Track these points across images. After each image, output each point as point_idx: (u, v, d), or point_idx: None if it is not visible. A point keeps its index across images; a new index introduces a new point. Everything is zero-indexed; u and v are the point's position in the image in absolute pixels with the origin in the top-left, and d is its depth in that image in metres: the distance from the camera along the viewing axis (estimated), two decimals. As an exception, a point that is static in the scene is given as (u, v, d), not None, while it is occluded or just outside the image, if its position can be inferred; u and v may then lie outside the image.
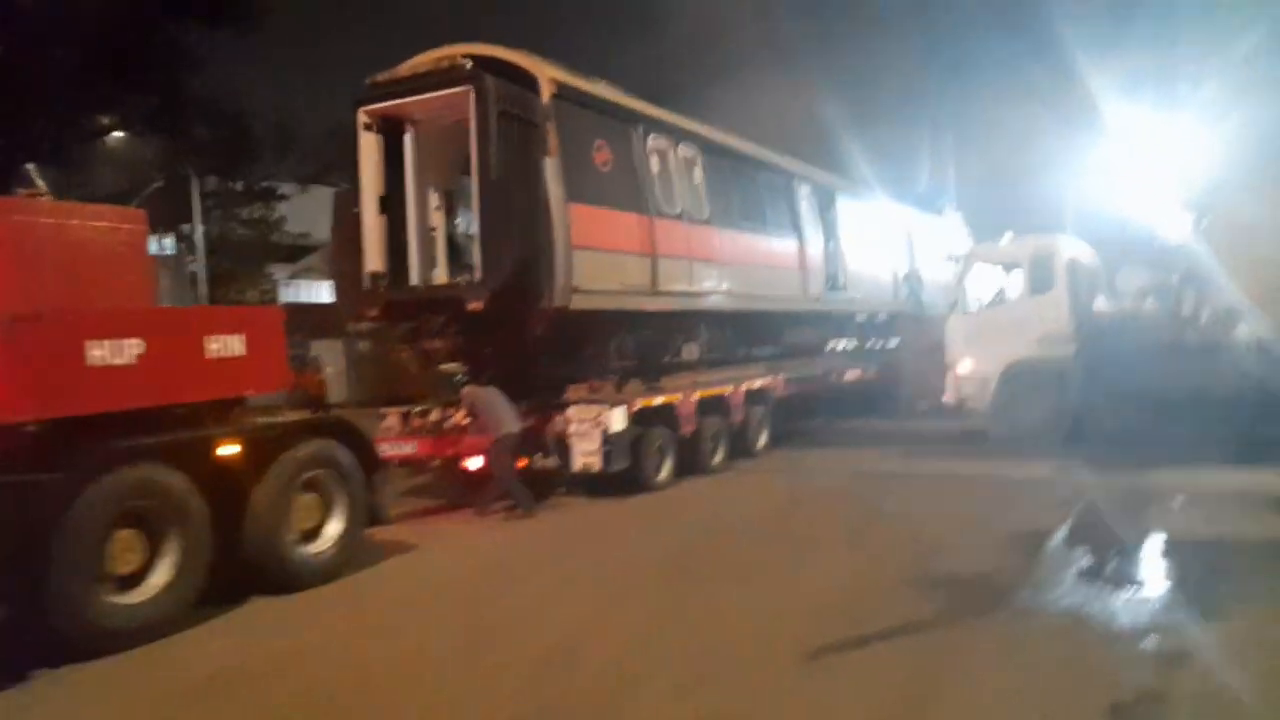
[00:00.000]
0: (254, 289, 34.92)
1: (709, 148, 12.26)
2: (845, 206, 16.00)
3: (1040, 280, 12.74)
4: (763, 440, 13.05)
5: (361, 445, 7.68)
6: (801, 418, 14.89)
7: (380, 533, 8.10)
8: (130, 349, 5.96)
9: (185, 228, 30.47)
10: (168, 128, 21.80)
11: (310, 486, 7.14)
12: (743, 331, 13.49)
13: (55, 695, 5.04)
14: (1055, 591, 6.24)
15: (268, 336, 7.09)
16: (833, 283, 15.24)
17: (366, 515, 7.60)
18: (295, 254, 34.58)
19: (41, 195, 6.39)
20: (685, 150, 11.68)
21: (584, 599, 6.44)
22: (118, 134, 21.83)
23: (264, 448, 6.78)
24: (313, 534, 7.17)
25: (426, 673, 5.08)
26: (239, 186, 32.08)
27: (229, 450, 6.53)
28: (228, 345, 6.71)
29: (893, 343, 18.01)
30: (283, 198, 33.28)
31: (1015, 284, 13.33)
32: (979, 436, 13.39)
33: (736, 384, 12.39)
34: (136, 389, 5.99)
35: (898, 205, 18.72)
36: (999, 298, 13.69)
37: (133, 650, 5.58)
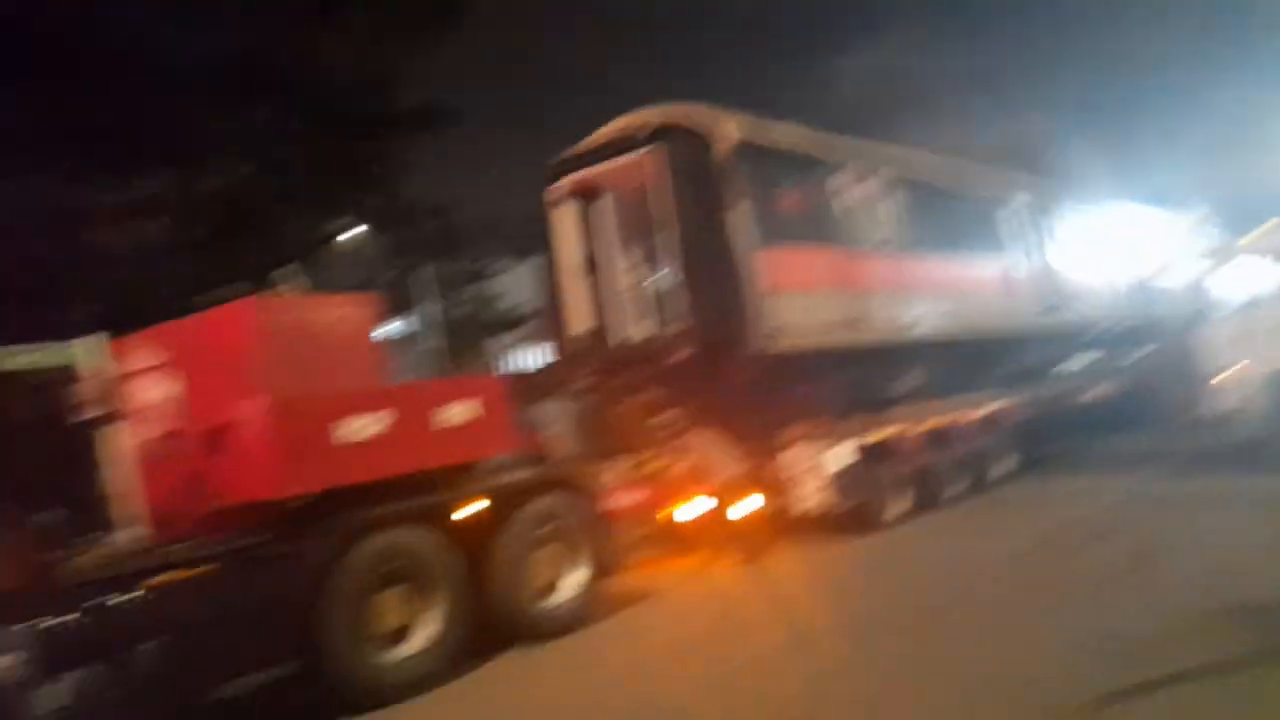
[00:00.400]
0: (479, 360, 37.51)
1: (907, 172, 11.84)
2: (1069, 214, 14.86)
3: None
4: (1003, 469, 12.16)
5: (589, 498, 7.90)
6: (1046, 442, 13.71)
7: (613, 583, 8.23)
8: (373, 424, 6.47)
9: (416, 311, 33.37)
10: (392, 225, 24.05)
11: (547, 540, 7.41)
12: (968, 357, 12.73)
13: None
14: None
15: (494, 402, 7.48)
16: (1058, 297, 14.11)
17: (599, 566, 7.76)
18: (514, 323, 36.75)
19: (289, 291, 7.16)
20: (882, 178, 11.33)
21: (822, 650, 6.12)
22: (353, 233, 24.36)
23: (501, 506, 7.13)
24: (551, 587, 7.41)
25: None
26: (456, 268, 34.80)
27: (470, 510, 6.91)
28: (459, 413, 7.15)
29: (1141, 353, 16.32)
30: (489, 277, 35.73)
31: (1283, 277, 11.74)
32: (1255, 448, 11.74)
33: (966, 412, 11.70)
34: (381, 460, 6.46)
35: (1133, 205, 17.15)
36: (1265, 294, 12.07)
37: (407, 701, 5.94)
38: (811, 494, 9.53)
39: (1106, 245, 15.72)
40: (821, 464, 9.48)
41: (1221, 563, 6.96)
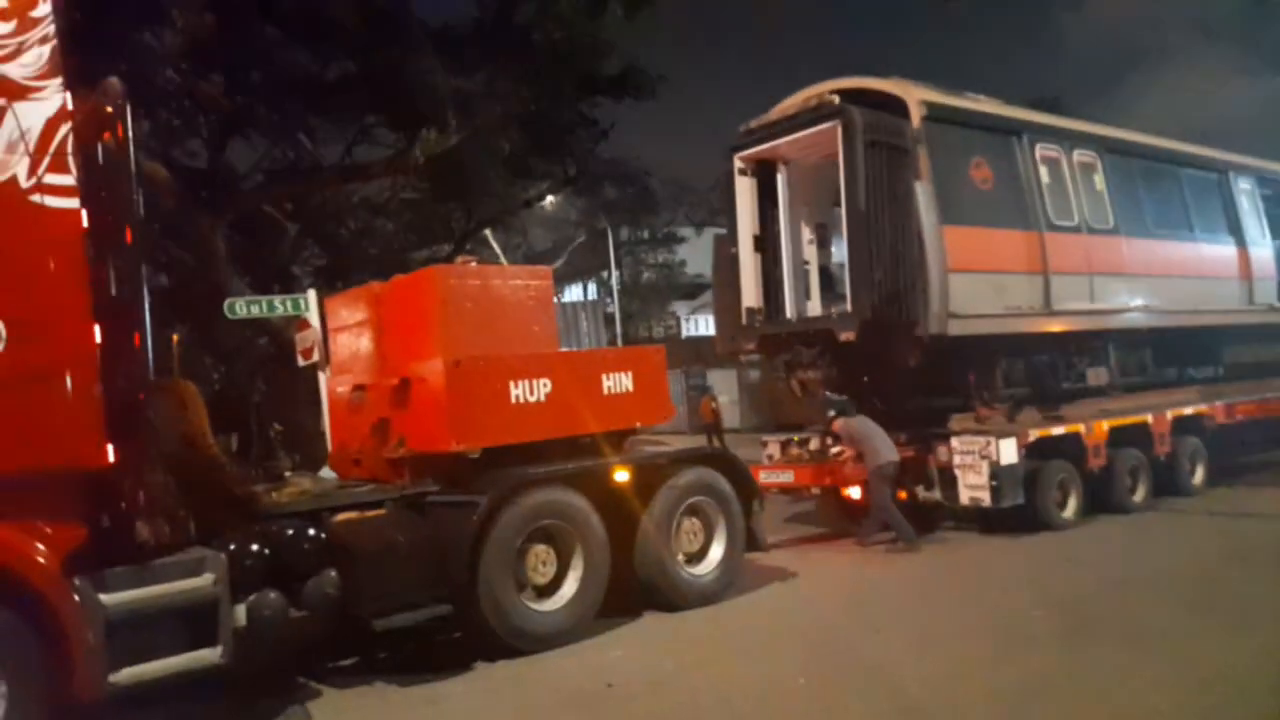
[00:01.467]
0: (660, 325, 38.39)
1: (1111, 149, 10.97)
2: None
3: None
4: (1199, 476, 11.23)
5: (740, 474, 8.06)
6: (1256, 450, 12.49)
7: (760, 559, 8.39)
8: (542, 388, 6.96)
9: (605, 274, 34.51)
10: (585, 191, 24.91)
11: (693, 512, 7.66)
12: (1167, 351, 11.76)
13: (483, 687, 5.96)
14: None
15: (652, 373, 7.80)
16: (1287, 288, 12.66)
17: (746, 541, 7.94)
18: (694, 292, 37.27)
19: (473, 260, 7.74)
20: (1081, 155, 10.58)
21: (955, 649, 6.02)
22: (549, 199, 25.46)
23: (652, 475, 7.44)
24: (696, 557, 7.67)
25: (782, 712, 5.11)
26: (645, 235, 35.59)
27: (622, 477, 7.27)
28: (619, 383, 7.51)
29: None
30: (682, 241, 36.25)
31: None
32: None
33: (1159, 411, 10.81)
34: (547, 422, 6.97)
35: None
36: None
37: (548, 651, 6.42)
38: (978, 486, 9.20)
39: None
40: (991, 455, 9.11)
41: None
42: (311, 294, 10.31)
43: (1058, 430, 9.83)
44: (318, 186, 17.54)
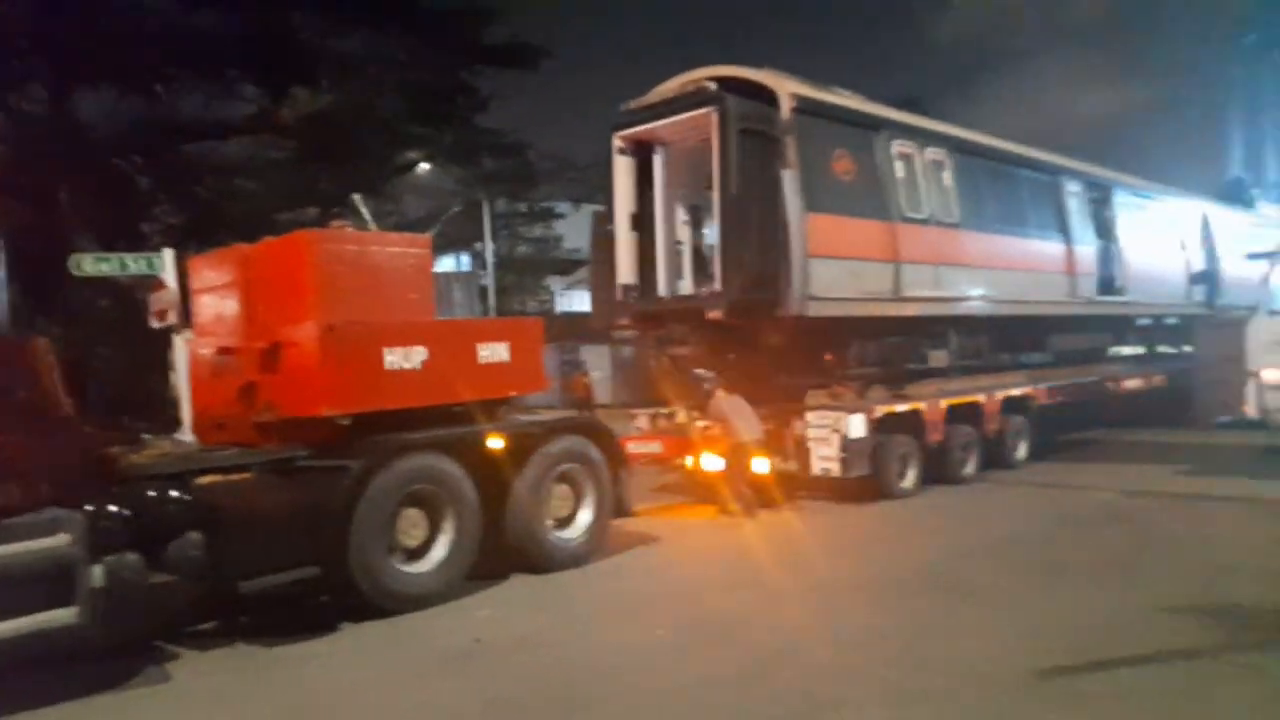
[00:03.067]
0: (534, 299, 38.26)
1: (959, 149, 11.83)
2: (1124, 202, 14.69)
3: (1373, 277, 10.93)
4: (1022, 451, 12.35)
5: (610, 443, 8.38)
6: (1073, 429, 13.86)
7: (626, 524, 8.76)
8: (417, 355, 7.02)
9: (479, 246, 34.07)
10: (463, 160, 24.53)
11: (564, 479, 7.93)
12: (1001, 337, 12.82)
13: (346, 647, 6.06)
14: (1354, 633, 5.49)
15: (529, 345, 7.97)
16: (1108, 284, 14.03)
17: (614, 507, 8.28)
18: (570, 267, 37.32)
19: (346, 226, 7.68)
20: (933, 153, 11.37)
21: (806, 605, 6.56)
22: (424, 167, 24.92)
23: (524, 442, 7.64)
24: (566, 522, 7.97)
25: (642, 667, 5.41)
26: (522, 208, 35.33)
27: (495, 444, 7.44)
28: (495, 352, 7.65)
29: (1186, 348, 16.16)
30: (560, 216, 36.21)
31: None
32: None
33: (991, 392, 11.83)
34: (422, 389, 7.03)
35: (1192, 199, 16.79)
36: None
37: (416, 612, 6.56)
38: (829, 458, 9.85)
39: (1164, 236, 15.47)
40: (841, 430, 9.78)
41: (1213, 562, 7.21)
42: (168, 253, 9.89)
43: (902, 407, 10.62)
44: (174, 141, 16.63)
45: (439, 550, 6.92)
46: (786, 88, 9.92)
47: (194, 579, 5.88)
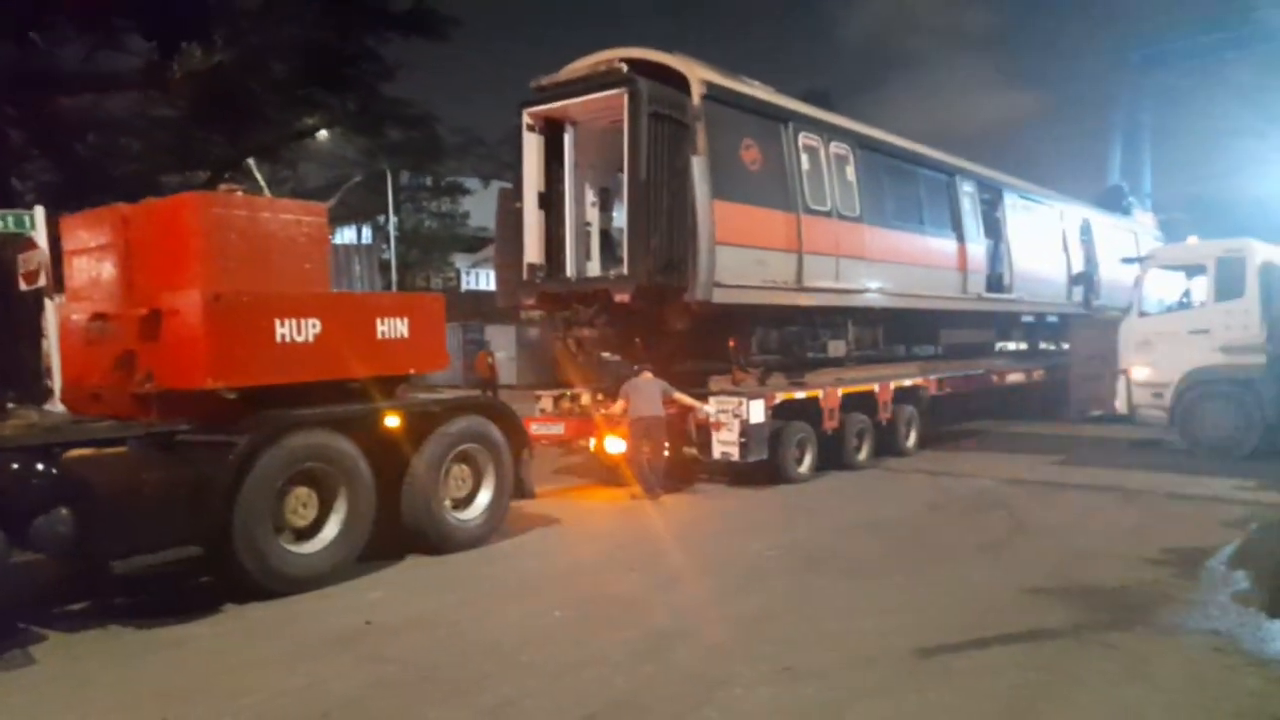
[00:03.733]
0: (439, 276, 37.53)
1: (862, 144, 12.14)
2: (1013, 204, 15.38)
3: (1228, 285, 11.77)
4: (912, 440, 12.83)
5: (511, 424, 8.30)
6: (960, 419, 14.48)
7: (527, 506, 8.72)
8: (310, 328, 6.77)
9: (381, 219, 33.17)
10: (366, 129, 23.75)
11: (463, 459, 7.82)
12: (896, 329, 13.27)
13: (234, 629, 5.84)
14: (1203, 612, 5.91)
15: (429, 321, 7.80)
16: (996, 282, 14.69)
17: (514, 489, 8.21)
18: (476, 245, 36.74)
19: (237, 190, 7.34)
20: (837, 147, 11.63)
21: (700, 586, 6.68)
22: (324, 134, 24.02)
23: (423, 421, 7.49)
24: (464, 503, 7.86)
25: (536, 646, 5.39)
26: (428, 182, 34.51)
27: (392, 422, 7.26)
28: (394, 328, 7.45)
29: (1064, 345, 17.10)
30: (467, 192, 35.54)
31: (1199, 289, 12.37)
32: (1150, 447, 12.59)
33: (885, 381, 12.24)
34: (315, 364, 6.80)
35: (1075, 204, 17.74)
36: (1181, 303, 12.75)
37: (304, 594, 6.36)
38: (729, 442, 10.01)
39: (1047, 238, 16.29)
40: (742, 415, 9.94)
41: (1079, 547, 7.65)
42: (39, 211, 9.25)
43: (800, 394, 10.88)
44: (51, 94, 15.51)
45: (330, 530, 6.73)
46: (698, 74, 9.96)
47: (62, 556, 5.55)
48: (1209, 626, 5.63)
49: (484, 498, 7.95)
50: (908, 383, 12.67)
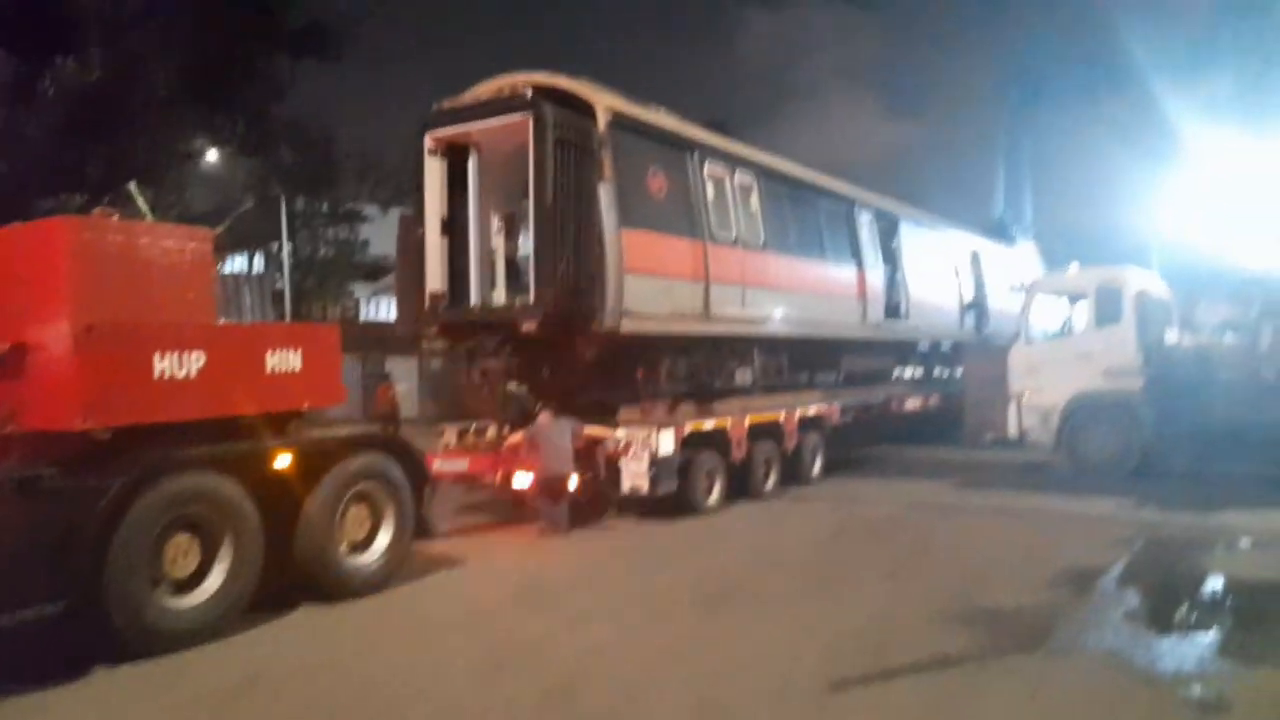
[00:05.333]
0: (336, 306, 36.30)
1: (766, 174, 12.32)
2: (909, 233, 15.86)
3: (1107, 312, 12.40)
4: (817, 467, 12.96)
5: (412, 460, 7.94)
6: (861, 445, 14.74)
7: (430, 547, 8.35)
8: (193, 362, 6.32)
9: (275, 247, 31.90)
10: (257, 151, 22.89)
11: (361, 499, 7.41)
12: (799, 357, 13.43)
13: (104, 693, 5.33)
14: (1098, 632, 6.11)
15: (324, 353, 7.41)
16: (894, 310, 15.08)
17: (415, 529, 7.83)
18: (376, 273, 35.75)
19: (115, 215, 6.85)
20: (742, 177, 11.76)
21: (611, 624, 6.49)
22: (212, 156, 23.03)
23: (316, 460, 7.08)
24: (362, 545, 7.44)
25: (438, 696, 5.13)
26: (324, 208, 33.44)
27: (283, 461, 6.83)
28: (286, 361, 7.04)
29: (957, 371, 17.70)
30: (365, 219, 34.57)
31: (1081, 315, 12.99)
32: (1040, 469, 13.07)
33: (790, 410, 12.35)
34: (198, 401, 6.34)
35: (965, 233, 18.46)
36: (1064, 329, 13.36)
37: (185, 651, 5.86)
38: (639, 475, 9.87)
39: (941, 267, 16.88)
40: (651, 446, 9.83)
41: (979, 570, 7.82)
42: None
43: (709, 424, 10.85)
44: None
45: (214, 580, 6.24)
46: (604, 101, 9.91)
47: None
48: (1103, 646, 5.82)
49: (383, 539, 7.55)
50: (812, 411, 12.82)
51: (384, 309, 35.00)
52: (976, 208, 21.02)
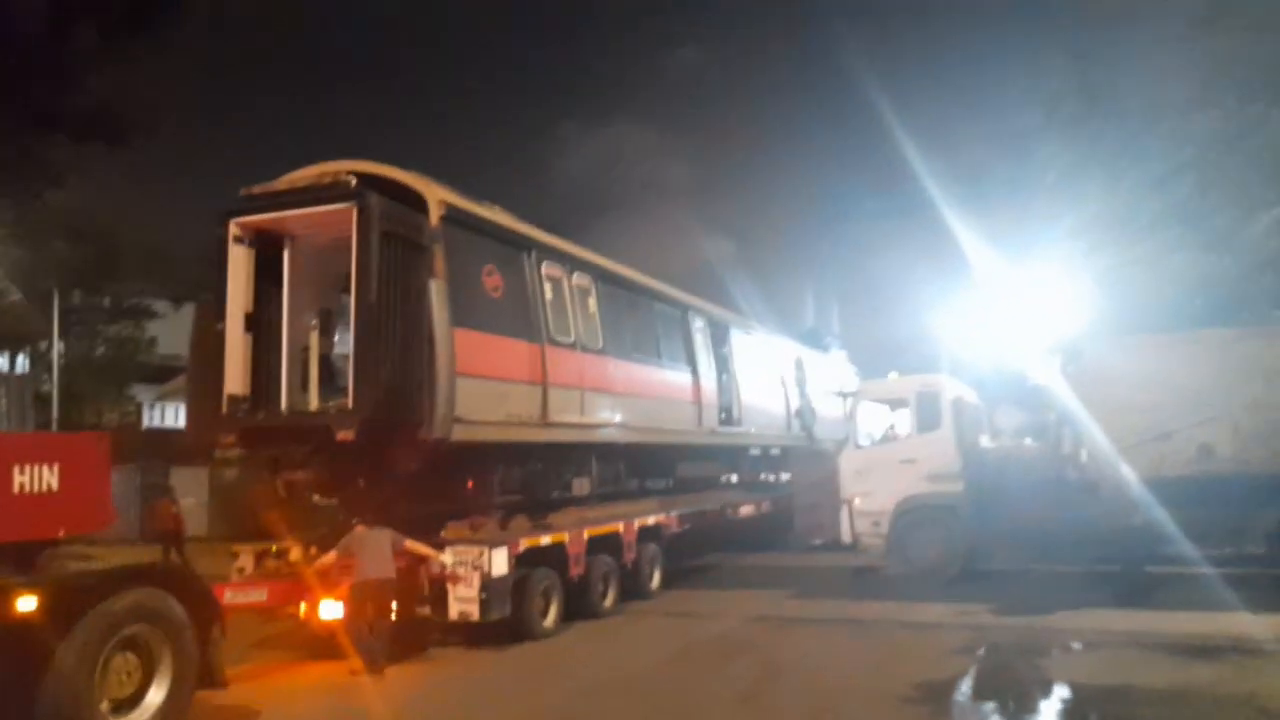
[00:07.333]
0: (114, 411, 32.59)
1: (604, 277, 12.09)
2: (738, 340, 16.12)
3: (927, 418, 12.86)
4: (656, 580, 12.40)
5: (196, 594, 6.64)
6: (696, 554, 14.37)
7: (217, 697, 6.95)
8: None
9: (43, 345, 28.39)
10: (28, 241, 20.43)
11: (130, 645, 6.07)
12: (636, 465, 13.03)
13: None
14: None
15: (88, 467, 6.19)
16: (727, 415, 15.09)
17: (199, 679, 6.51)
18: (164, 375, 32.58)
19: None
20: (580, 279, 11.44)
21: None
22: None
23: (71, 600, 5.75)
24: (129, 703, 6.07)
25: None
26: (105, 303, 30.38)
27: (27, 604, 5.48)
28: (39, 478, 5.81)
29: (786, 476, 17.90)
30: (154, 316, 31.66)
31: (903, 421, 13.42)
32: (872, 573, 13.14)
33: (629, 520, 11.80)
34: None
35: (788, 341, 19.06)
36: (889, 434, 13.76)
37: None
38: (467, 599, 8.91)
39: (768, 373, 17.23)
40: (482, 567, 8.92)
41: (832, 689, 7.50)
42: None
43: (546, 539, 10.08)
44: None
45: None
46: (437, 194, 9.33)
47: None
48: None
49: (156, 695, 6.17)
50: (651, 520, 12.33)
51: (171, 414, 31.78)
52: (790, 318, 21.92)
